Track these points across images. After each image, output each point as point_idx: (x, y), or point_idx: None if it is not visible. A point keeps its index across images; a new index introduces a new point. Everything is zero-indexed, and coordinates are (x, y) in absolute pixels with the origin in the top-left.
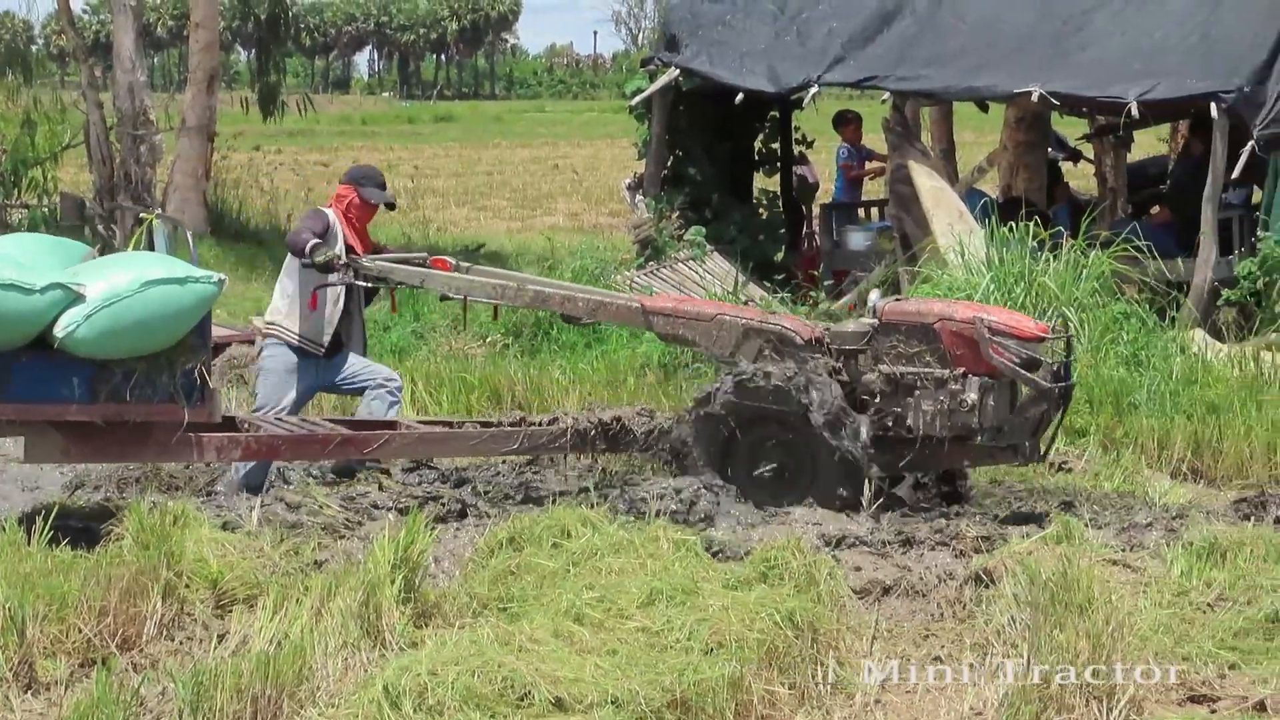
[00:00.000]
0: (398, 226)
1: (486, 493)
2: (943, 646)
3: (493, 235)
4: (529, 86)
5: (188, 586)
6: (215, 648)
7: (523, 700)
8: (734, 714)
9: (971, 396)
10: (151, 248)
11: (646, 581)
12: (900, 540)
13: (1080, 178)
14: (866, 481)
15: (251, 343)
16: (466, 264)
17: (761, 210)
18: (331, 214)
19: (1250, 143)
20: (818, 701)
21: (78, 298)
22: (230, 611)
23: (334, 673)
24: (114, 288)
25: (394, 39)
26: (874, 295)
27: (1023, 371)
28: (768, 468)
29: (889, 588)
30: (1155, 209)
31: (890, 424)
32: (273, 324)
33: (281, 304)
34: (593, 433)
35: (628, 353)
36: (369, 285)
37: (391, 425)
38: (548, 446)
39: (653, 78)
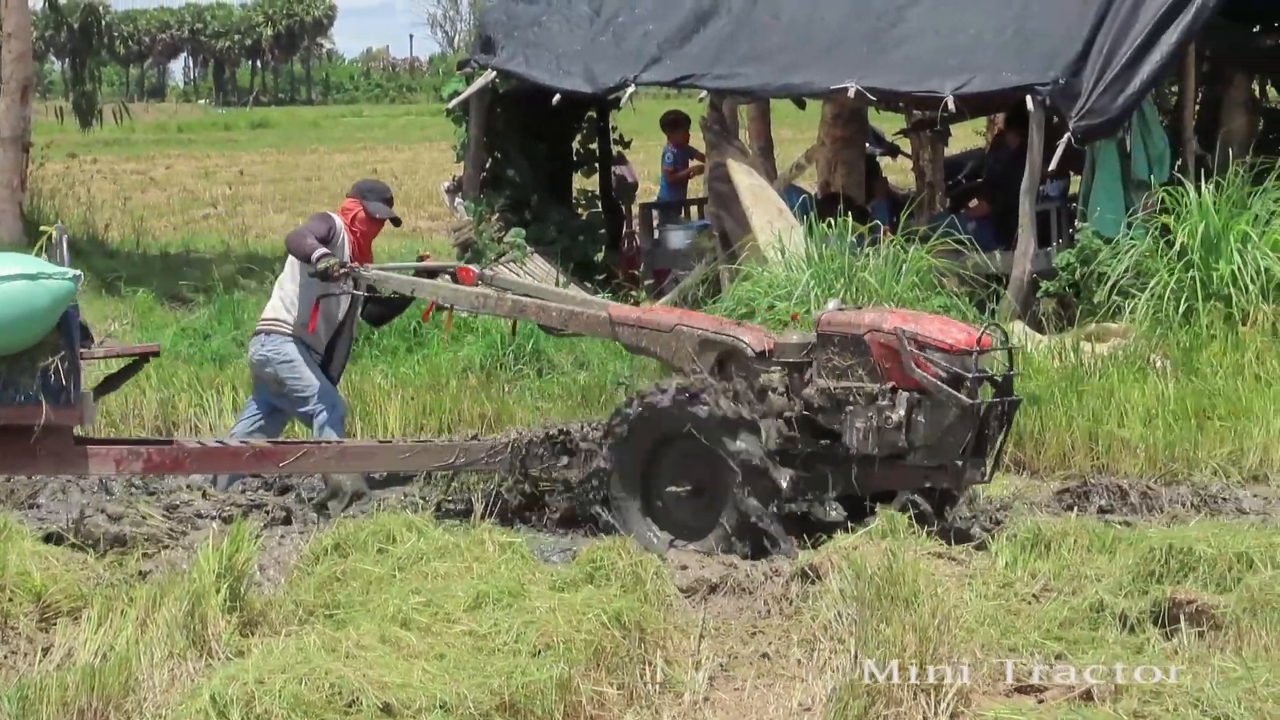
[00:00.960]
0: (216, 234)
1: (311, 499)
2: (770, 643)
3: None
4: (346, 91)
5: (10, 600)
6: (40, 661)
7: (350, 707)
8: (562, 715)
9: (899, 414)
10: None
11: (473, 585)
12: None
13: (898, 173)
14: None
15: None
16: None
17: (581, 211)
18: (339, 221)
19: (1067, 134)
20: (646, 701)
21: None
22: (54, 624)
23: (160, 683)
24: None
25: (209, 46)
26: (831, 303)
27: (943, 386)
28: (683, 488)
29: (715, 585)
30: (973, 202)
31: (828, 442)
32: (274, 319)
33: (279, 304)
34: (538, 449)
35: (449, 356)
36: (364, 294)
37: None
38: (486, 462)
39: (469, 80)
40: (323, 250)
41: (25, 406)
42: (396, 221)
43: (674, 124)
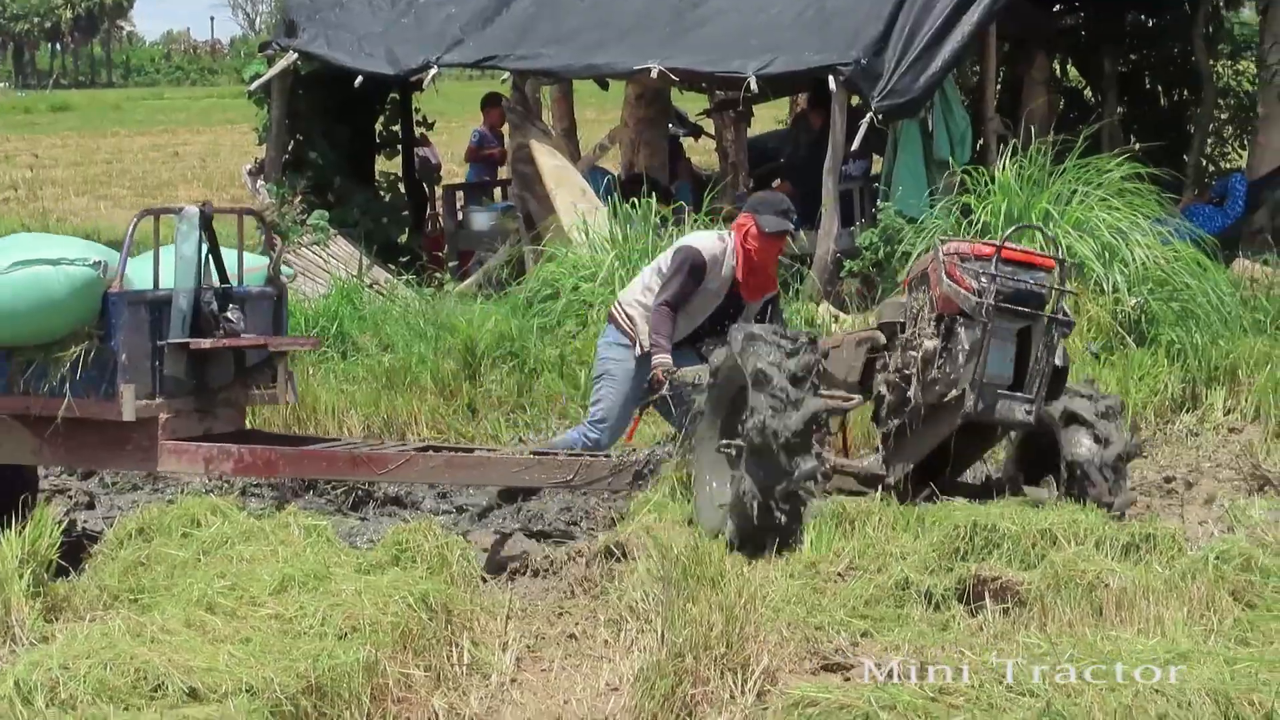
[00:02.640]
0: (16, 217)
1: (115, 484)
2: (577, 623)
3: (113, 224)
4: (146, 74)
5: None
6: None
7: (156, 691)
8: (369, 698)
9: (934, 343)
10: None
11: (278, 568)
12: (529, 518)
13: (702, 153)
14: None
15: None
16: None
17: (384, 192)
18: (719, 248)
19: (869, 114)
20: (454, 683)
21: None
22: None
23: None
24: None
25: (7, 29)
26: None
27: (970, 297)
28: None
29: (521, 567)
30: (776, 183)
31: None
32: (631, 322)
33: (641, 309)
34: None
35: None
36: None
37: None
38: (608, 481)
39: (271, 63)
40: (661, 358)
41: (52, 400)
42: (792, 236)
43: (491, 103)
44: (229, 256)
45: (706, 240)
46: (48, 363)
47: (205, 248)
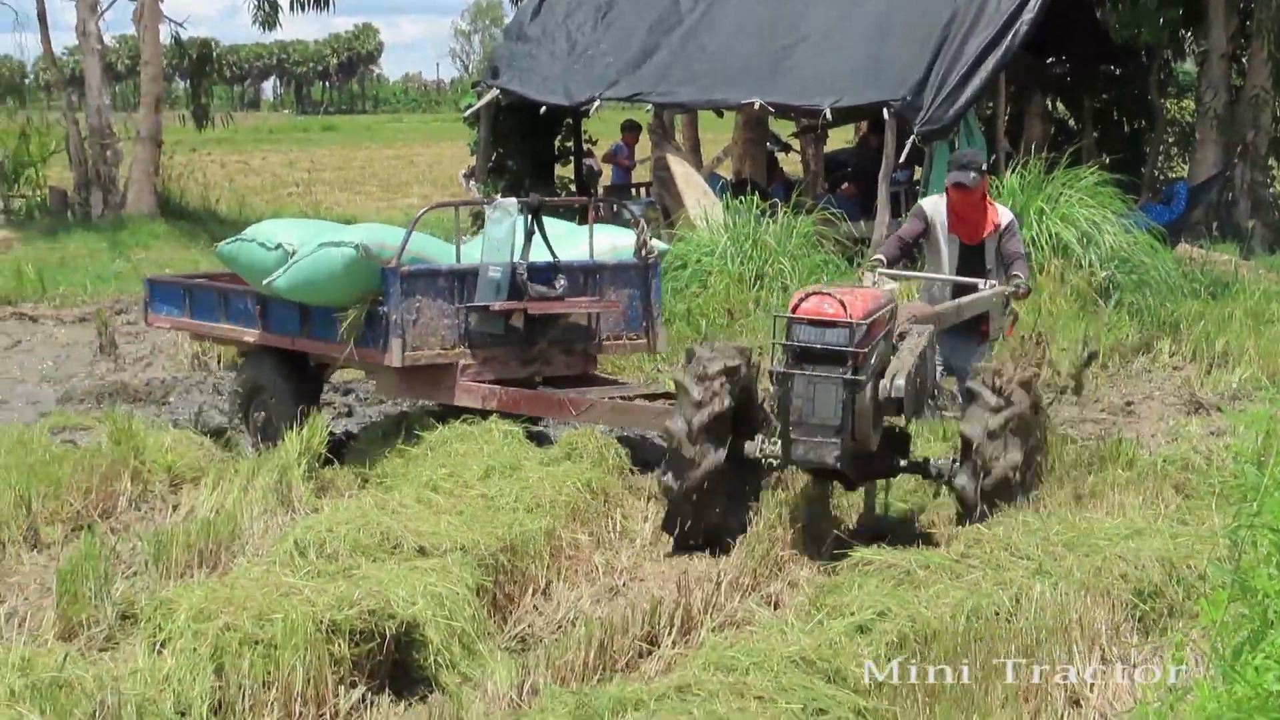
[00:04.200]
0: (297, 206)
1: (366, 399)
2: None
3: (365, 213)
4: (390, 104)
5: (149, 471)
6: (170, 515)
7: (395, 548)
8: (549, 555)
9: None
10: (528, 233)
11: (484, 460)
12: None
13: (791, 164)
14: None
15: None
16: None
17: (560, 191)
18: (936, 202)
19: (912, 136)
20: (609, 545)
21: (288, 255)
22: (181, 489)
23: (258, 532)
24: (303, 249)
25: (292, 70)
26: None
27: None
28: None
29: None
30: (845, 185)
31: None
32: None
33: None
34: None
35: None
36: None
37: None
38: None
39: (480, 96)
40: (875, 258)
41: (338, 345)
42: (964, 185)
43: (630, 128)
44: (608, 234)
45: (930, 198)
46: (338, 319)
47: (528, 230)
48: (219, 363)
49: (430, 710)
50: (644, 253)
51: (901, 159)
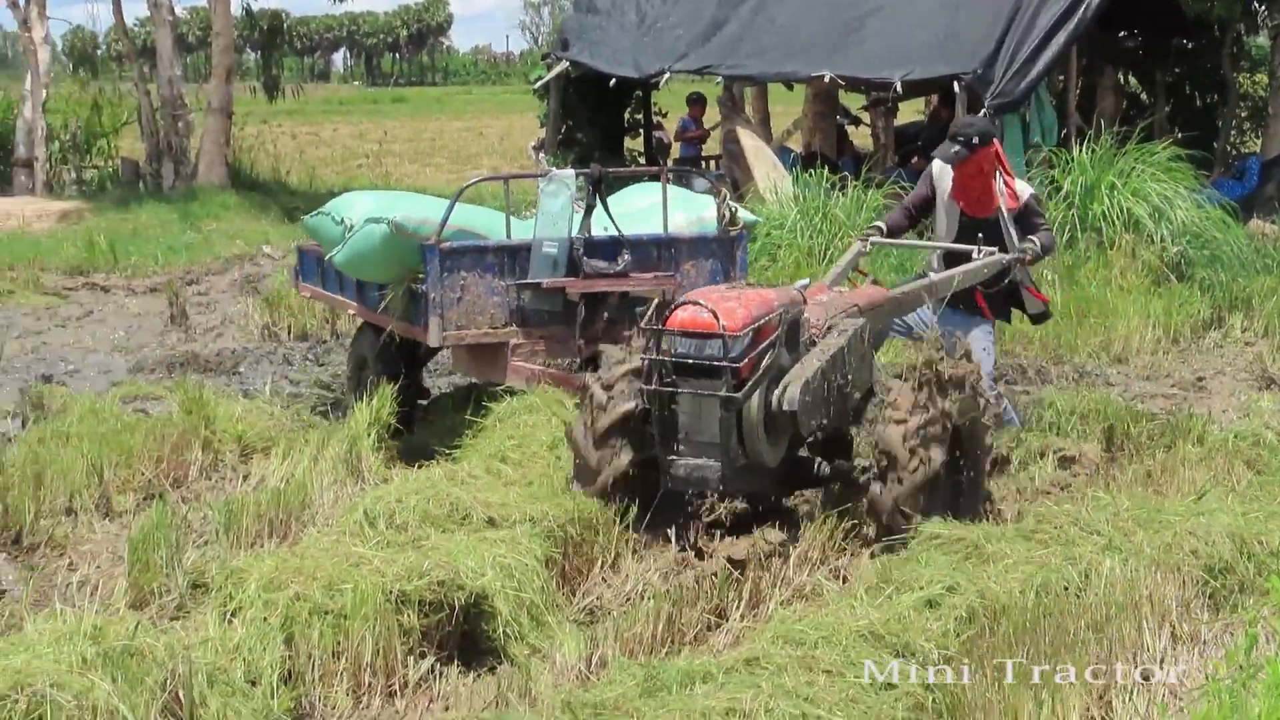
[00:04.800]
0: (367, 178)
1: (435, 370)
2: None
3: (435, 185)
4: (460, 76)
5: (220, 441)
6: (241, 485)
7: (464, 519)
8: (617, 527)
9: None
10: (588, 206)
11: (551, 432)
12: None
13: (861, 137)
14: None
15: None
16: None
17: (630, 163)
18: (939, 170)
19: (983, 109)
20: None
21: (347, 231)
22: (251, 459)
23: (328, 501)
24: (358, 224)
25: (362, 42)
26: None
27: None
28: None
29: None
30: (915, 159)
31: None
32: None
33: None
34: None
35: None
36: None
37: None
38: None
39: (550, 68)
40: (877, 224)
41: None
42: (951, 161)
43: (696, 101)
44: (686, 205)
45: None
46: (384, 294)
47: (589, 203)
48: (289, 334)
49: (499, 681)
50: (729, 224)
51: None
